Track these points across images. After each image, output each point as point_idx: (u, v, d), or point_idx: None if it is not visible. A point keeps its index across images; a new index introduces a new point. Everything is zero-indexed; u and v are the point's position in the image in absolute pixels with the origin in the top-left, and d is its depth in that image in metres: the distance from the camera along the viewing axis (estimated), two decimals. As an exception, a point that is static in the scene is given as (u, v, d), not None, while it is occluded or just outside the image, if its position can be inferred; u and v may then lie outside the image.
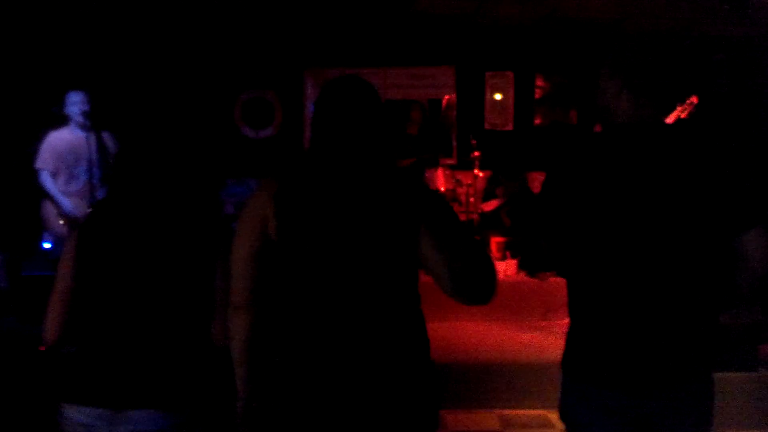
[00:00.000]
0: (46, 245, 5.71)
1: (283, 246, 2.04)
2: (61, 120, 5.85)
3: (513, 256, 6.84)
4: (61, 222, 5.62)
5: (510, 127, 8.01)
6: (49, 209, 5.73)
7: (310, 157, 2.16)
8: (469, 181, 7.04)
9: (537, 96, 8.00)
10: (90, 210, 2.39)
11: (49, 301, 2.30)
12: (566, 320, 4.94)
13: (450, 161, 7.67)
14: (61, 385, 2.22)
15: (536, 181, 7.89)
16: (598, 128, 6.27)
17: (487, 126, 7.96)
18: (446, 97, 7.99)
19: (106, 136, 5.75)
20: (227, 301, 2.17)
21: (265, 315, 2.11)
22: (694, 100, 2.16)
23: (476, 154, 6.94)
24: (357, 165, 2.10)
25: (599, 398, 2.11)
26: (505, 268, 6.68)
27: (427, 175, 6.91)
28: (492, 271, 2.09)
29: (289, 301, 2.08)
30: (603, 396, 2.10)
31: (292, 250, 2.04)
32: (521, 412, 4.32)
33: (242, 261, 2.09)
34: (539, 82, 7.99)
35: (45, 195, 5.76)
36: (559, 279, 7.09)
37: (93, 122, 5.66)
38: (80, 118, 5.67)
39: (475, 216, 7.03)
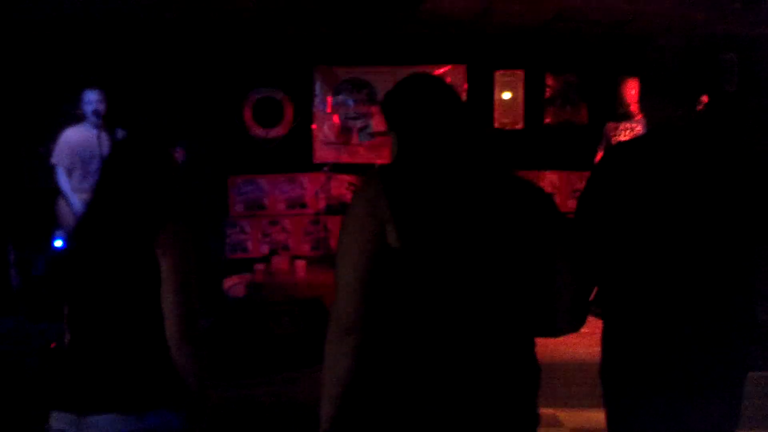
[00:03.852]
0: (58, 243, 5.74)
1: (405, 253, 1.79)
2: (76, 117, 5.91)
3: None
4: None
5: (520, 126, 7.99)
6: (63, 206, 5.78)
7: (415, 156, 1.93)
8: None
9: (547, 95, 7.98)
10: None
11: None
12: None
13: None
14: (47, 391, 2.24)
15: (547, 179, 7.88)
16: (607, 126, 6.27)
17: (496, 125, 7.95)
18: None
19: (120, 134, 5.80)
20: (186, 310, 2.14)
21: (372, 338, 1.85)
22: (704, 99, 2.15)
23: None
24: (474, 162, 1.92)
25: (651, 406, 2.07)
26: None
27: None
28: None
29: (411, 316, 1.81)
30: (654, 403, 2.06)
31: (417, 256, 1.79)
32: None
33: (355, 276, 1.83)
34: (549, 81, 7.97)
35: (60, 192, 5.82)
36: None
37: (106, 120, 5.71)
38: (93, 117, 5.72)
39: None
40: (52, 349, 3.41)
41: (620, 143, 2.27)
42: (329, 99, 7.91)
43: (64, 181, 5.78)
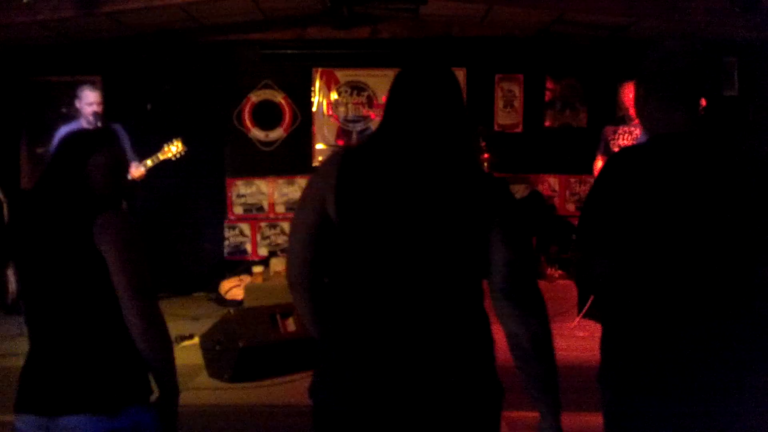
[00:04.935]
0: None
1: (342, 227, 1.95)
2: (72, 116, 5.92)
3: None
4: None
5: (520, 129, 8.00)
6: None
7: (378, 139, 2.04)
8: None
9: (547, 98, 7.99)
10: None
11: None
12: (574, 322, 4.88)
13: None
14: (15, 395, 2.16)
15: (546, 183, 7.88)
16: (605, 130, 6.26)
17: (496, 128, 7.96)
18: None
19: (117, 129, 5.81)
20: (133, 290, 2.11)
21: (322, 291, 2.07)
22: (703, 102, 2.13)
23: (486, 156, 6.93)
24: (429, 150, 1.96)
25: (654, 409, 2.05)
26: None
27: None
28: (537, 284, 2.02)
29: (348, 285, 1.98)
30: (654, 407, 2.05)
31: (351, 231, 1.94)
32: (527, 413, 4.26)
33: (299, 241, 2.04)
34: (549, 85, 7.98)
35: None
36: (567, 282, 7.08)
37: (103, 118, 5.72)
38: (91, 117, 5.73)
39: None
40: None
41: (625, 149, 2.23)
42: (329, 101, 7.91)
43: None
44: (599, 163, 6.26)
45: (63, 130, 5.84)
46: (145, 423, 2.15)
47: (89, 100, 5.76)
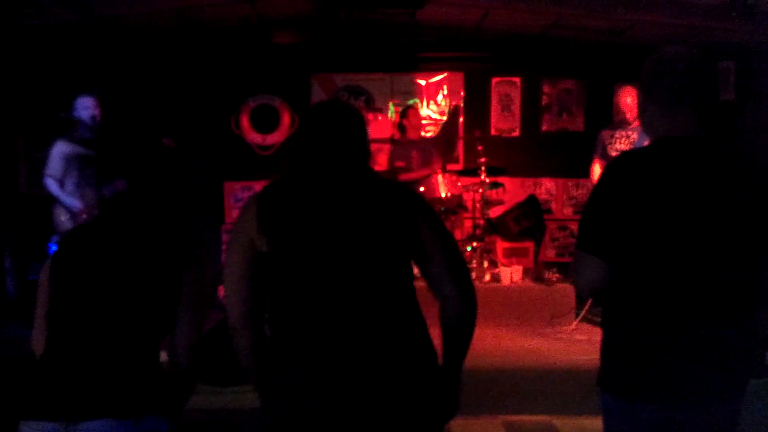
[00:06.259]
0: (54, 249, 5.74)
1: (274, 257, 2.09)
2: (71, 123, 5.91)
3: (518, 263, 6.84)
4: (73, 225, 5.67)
5: (517, 133, 8.01)
6: (59, 212, 5.79)
7: (290, 172, 2.22)
8: (476, 187, 7.03)
9: (544, 102, 8.00)
10: (70, 230, 2.49)
11: (35, 317, 2.32)
12: (572, 326, 4.92)
13: (456, 167, 7.68)
14: (18, 402, 2.18)
15: (543, 186, 7.89)
16: (602, 134, 6.27)
17: (493, 132, 7.97)
18: (453, 103, 7.99)
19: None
20: (197, 314, 2.27)
21: (263, 331, 2.19)
22: (704, 108, 2.15)
23: (482, 160, 6.94)
24: (338, 174, 2.16)
25: (648, 414, 2.07)
26: (511, 274, 6.68)
27: (425, 181, 6.88)
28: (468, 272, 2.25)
29: (287, 310, 2.12)
30: (652, 412, 2.06)
31: (283, 259, 2.09)
32: (526, 417, 4.28)
33: (235, 283, 2.16)
34: (546, 88, 7.99)
35: (54, 198, 5.83)
36: (565, 285, 7.08)
37: (101, 124, 5.72)
38: (90, 122, 5.72)
39: (481, 222, 7.02)
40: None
41: (625, 153, 2.25)
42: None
43: (54, 188, 5.79)
44: (597, 168, 6.27)
45: (59, 146, 5.83)
46: (163, 431, 2.21)
47: (85, 105, 5.77)
